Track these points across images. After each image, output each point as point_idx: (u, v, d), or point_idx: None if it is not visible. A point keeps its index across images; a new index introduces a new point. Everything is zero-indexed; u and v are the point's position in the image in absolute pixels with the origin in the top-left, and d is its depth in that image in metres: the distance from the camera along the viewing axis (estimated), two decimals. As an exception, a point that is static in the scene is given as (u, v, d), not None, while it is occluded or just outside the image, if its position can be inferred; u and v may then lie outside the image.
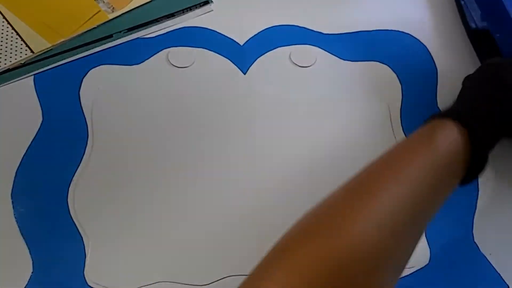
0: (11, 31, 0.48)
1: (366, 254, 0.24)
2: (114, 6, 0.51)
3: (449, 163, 0.32)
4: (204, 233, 0.39)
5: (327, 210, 0.28)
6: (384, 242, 0.25)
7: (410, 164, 0.30)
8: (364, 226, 0.25)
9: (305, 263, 0.24)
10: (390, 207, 0.27)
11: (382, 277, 0.25)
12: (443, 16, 0.56)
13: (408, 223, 0.28)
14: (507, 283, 0.39)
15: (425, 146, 0.31)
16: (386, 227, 0.26)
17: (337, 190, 0.29)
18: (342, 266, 0.24)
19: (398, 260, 0.27)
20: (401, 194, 0.28)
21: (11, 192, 0.39)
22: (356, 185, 0.30)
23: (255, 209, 0.40)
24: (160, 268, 0.37)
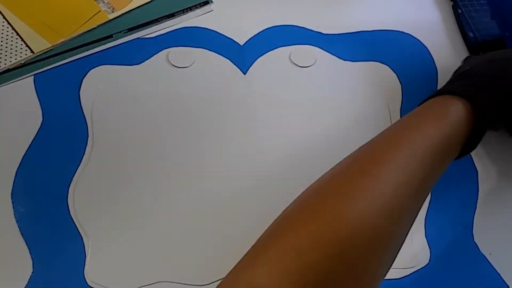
0: (11, 31, 0.48)
1: (366, 239, 0.24)
2: (114, 6, 0.51)
3: (453, 143, 0.32)
4: (204, 233, 0.39)
5: (329, 188, 0.28)
6: (383, 227, 0.25)
7: (414, 143, 0.30)
8: (364, 209, 0.25)
9: (306, 246, 0.24)
10: (391, 189, 0.26)
11: (381, 259, 0.25)
12: (443, 17, 0.56)
13: (408, 205, 0.27)
14: (507, 283, 0.39)
15: (432, 126, 0.31)
16: (387, 211, 0.26)
17: (341, 164, 0.29)
18: (342, 250, 0.24)
19: (397, 242, 0.27)
20: (404, 176, 0.27)
21: (11, 192, 0.39)
22: (359, 162, 0.29)
23: (255, 208, 0.40)
24: (160, 268, 0.37)
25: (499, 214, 0.43)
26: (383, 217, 0.25)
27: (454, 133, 0.32)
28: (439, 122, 0.32)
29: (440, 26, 0.55)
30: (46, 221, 0.38)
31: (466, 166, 0.45)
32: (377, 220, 0.25)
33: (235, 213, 0.40)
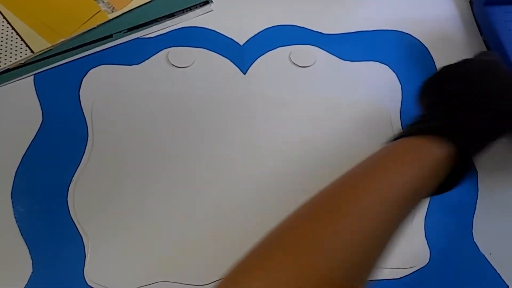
0: (11, 31, 0.48)
1: None
2: (114, 6, 0.51)
3: (428, 186, 0.29)
4: (204, 233, 0.39)
5: (290, 238, 0.26)
6: (334, 276, 0.24)
7: (382, 190, 0.27)
8: (316, 258, 0.24)
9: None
10: (349, 238, 0.25)
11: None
12: (443, 17, 0.56)
13: (370, 257, 0.26)
14: (507, 283, 0.39)
15: (407, 170, 0.28)
16: (339, 261, 0.24)
17: (304, 208, 0.28)
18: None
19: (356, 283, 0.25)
20: (366, 223, 0.25)
21: (11, 192, 0.39)
22: (321, 203, 0.28)
23: (255, 208, 0.40)
24: (160, 268, 0.37)
25: (499, 214, 0.43)
26: (334, 269, 0.24)
27: (431, 175, 0.29)
28: (412, 166, 0.29)
29: (440, 26, 0.55)
30: (46, 221, 0.38)
31: (466, 166, 0.45)
32: (328, 272, 0.24)
33: (235, 212, 0.40)
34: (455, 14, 0.57)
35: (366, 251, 0.25)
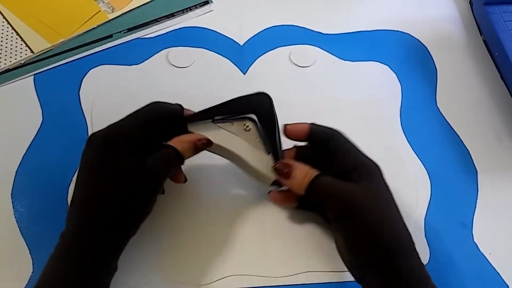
0: (11, 31, 0.48)
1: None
2: (114, 6, 0.51)
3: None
4: (205, 233, 0.39)
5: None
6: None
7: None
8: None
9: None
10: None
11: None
12: (443, 17, 0.56)
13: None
14: (507, 283, 0.39)
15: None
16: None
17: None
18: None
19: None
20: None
21: (11, 192, 0.39)
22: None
23: (255, 209, 0.40)
24: (160, 268, 0.37)
25: (499, 214, 0.43)
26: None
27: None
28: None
29: (440, 26, 0.55)
30: (46, 221, 0.38)
31: (466, 165, 0.45)
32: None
33: (235, 212, 0.40)
34: (455, 14, 0.57)
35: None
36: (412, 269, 0.31)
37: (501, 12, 0.52)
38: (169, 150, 0.34)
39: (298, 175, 0.34)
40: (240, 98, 0.37)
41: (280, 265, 0.38)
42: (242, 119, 0.37)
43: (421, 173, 0.44)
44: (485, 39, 0.54)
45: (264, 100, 0.37)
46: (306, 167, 0.35)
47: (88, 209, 0.31)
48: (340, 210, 0.33)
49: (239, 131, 0.37)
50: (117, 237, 0.31)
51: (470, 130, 0.47)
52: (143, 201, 0.33)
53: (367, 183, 0.34)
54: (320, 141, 0.37)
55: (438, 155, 0.45)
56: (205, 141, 0.35)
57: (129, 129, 0.33)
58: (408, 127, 0.47)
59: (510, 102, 0.50)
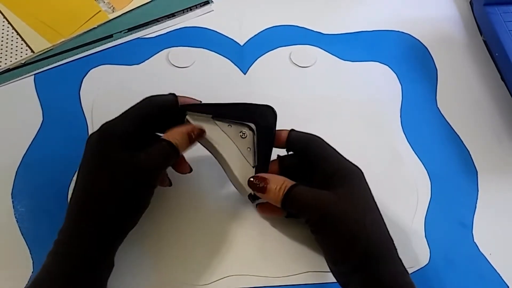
0: (11, 31, 0.48)
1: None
2: (115, 6, 0.51)
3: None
4: (204, 233, 0.39)
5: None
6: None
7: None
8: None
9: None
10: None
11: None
12: (443, 17, 0.56)
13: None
14: (507, 283, 0.39)
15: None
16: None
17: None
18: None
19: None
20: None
21: (11, 192, 0.39)
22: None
23: (255, 209, 0.40)
24: (160, 268, 0.37)
25: (499, 214, 0.43)
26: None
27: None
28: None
29: (440, 26, 0.55)
30: (46, 221, 0.38)
31: (467, 166, 0.45)
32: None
33: (235, 212, 0.40)
34: (455, 14, 0.57)
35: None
36: (393, 275, 0.31)
37: (501, 12, 0.52)
38: (163, 143, 0.34)
39: (273, 188, 0.34)
40: (245, 104, 0.37)
41: (280, 265, 0.38)
42: (241, 125, 0.37)
43: (421, 173, 0.44)
44: (485, 39, 0.54)
45: (269, 114, 0.37)
46: (280, 179, 0.34)
47: (84, 205, 0.31)
48: (316, 220, 0.33)
49: (234, 135, 0.37)
50: (113, 231, 0.32)
51: (470, 130, 0.47)
52: (138, 196, 0.33)
53: (345, 189, 0.33)
54: (299, 147, 0.37)
55: (438, 155, 0.45)
56: (199, 131, 0.35)
57: (122, 125, 0.34)
58: (408, 127, 0.47)
59: (510, 103, 0.50)
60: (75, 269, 0.30)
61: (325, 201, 0.32)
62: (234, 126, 0.37)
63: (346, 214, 0.32)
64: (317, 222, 0.33)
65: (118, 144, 0.32)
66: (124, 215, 0.32)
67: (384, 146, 0.45)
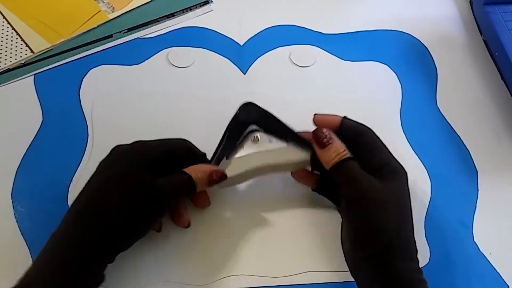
0: (11, 31, 0.48)
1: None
2: (114, 6, 0.51)
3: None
4: (205, 233, 0.39)
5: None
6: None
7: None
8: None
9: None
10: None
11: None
12: (443, 17, 0.56)
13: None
14: (507, 283, 0.39)
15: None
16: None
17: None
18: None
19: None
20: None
21: (11, 192, 0.39)
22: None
23: (255, 209, 0.40)
24: (160, 268, 0.37)
25: (499, 214, 0.43)
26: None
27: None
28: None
29: (440, 26, 0.55)
30: (46, 221, 0.38)
31: (467, 165, 0.45)
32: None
33: (235, 212, 0.40)
34: (455, 14, 0.57)
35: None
36: (407, 271, 0.32)
37: (501, 12, 0.52)
38: (183, 176, 0.34)
39: (333, 150, 0.34)
40: (231, 123, 0.37)
41: (280, 265, 0.38)
42: (247, 137, 0.37)
43: (421, 173, 0.44)
44: (485, 39, 0.54)
45: (248, 108, 0.38)
46: (342, 146, 0.35)
47: (84, 210, 0.31)
48: (356, 197, 0.33)
49: (253, 147, 0.37)
50: (106, 248, 0.31)
51: (470, 130, 0.47)
52: (142, 219, 0.32)
53: (391, 183, 0.34)
54: (351, 135, 0.37)
55: (438, 155, 0.45)
56: (221, 174, 0.35)
57: (152, 150, 0.34)
58: (408, 127, 0.47)
59: (510, 102, 0.50)
60: (61, 279, 0.29)
61: (372, 184, 0.33)
62: (245, 144, 0.37)
63: (385, 204, 0.33)
64: (356, 199, 0.33)
65: (144, 165, 0.32)
66: (121, 233, 0.31)
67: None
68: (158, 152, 0.34)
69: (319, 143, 0.35)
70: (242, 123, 0.37)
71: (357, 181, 0.33)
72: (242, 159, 0.36)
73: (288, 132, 0.37)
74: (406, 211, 0.34)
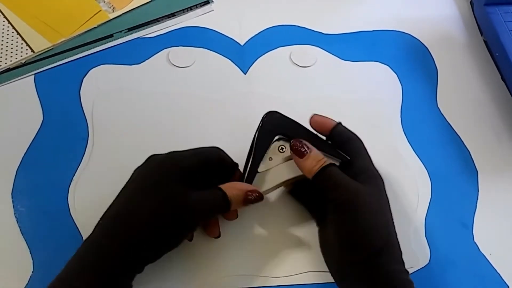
0: (11, 31, 0.48)
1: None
2: (115, 5, 0.51)
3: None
4: (205, 233, 0.39)
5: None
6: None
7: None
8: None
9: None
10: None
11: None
12: (443, 17, 0.56)
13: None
14: (507, 283, 0.39)
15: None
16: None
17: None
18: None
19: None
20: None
21: (11, 191, 0.39)
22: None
23: (255, 209, 0.40)
24: (160, 268, 0.37)
25: (499, 214, 0.43)
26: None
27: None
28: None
29: (440, 26, 0.55)
30: (46, 221, 0.38)
31: (467, 166, 0.45)
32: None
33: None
34: (456, 14, 0.57)
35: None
36: (398, 273, 0.32)
37: (501, 12, 0.52)
38: (218, 192, 0.34)
39: (312, 158, 0.35)
40: (258, 134, 0.37)
41: (280, 265, 0.38)
42: (273, 148, 0.37)
43: (421, 173, 0.44)
44: (485, 39, 0.54)
45: (272, 117, 0.37)
46: (320, 154, 0.35)
47: (116, 220, 0.31)
48: (345, 201, 0.33)
49: (280, 157, 0.37)
50: (135, 259, 0.31)
51: (470, 130, 0.47)
52: (173, 232, 0.32)
53: (373, 187, 0.34)
54: (340, 140, 0.37)
55: (439, 155, 0.45)
56: (257, 194, 0.35)
57: (190, 160, 0.34)
58: (408, 127, 0.47)
59: (511, 103, 0.50)
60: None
61: (359, 188, 0.33)
62: (273, 156, 0.37)
63: (375, 207, 0.33)
64: (344, 203, 0.33)
65: (179, 175, 0.32)
66: (151, 244, 0.31)
67: (384, 146, 0.45)
68: (192, 163, 0.34)
69: (298, 152, 0.35)
70: (269, 133, 0.37)
71: (344, 185, 0.33)
72: (274, 173, 0.36)
73: (315, 139, 0.37)
74: (389, 214, 0.34)
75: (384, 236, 0.32)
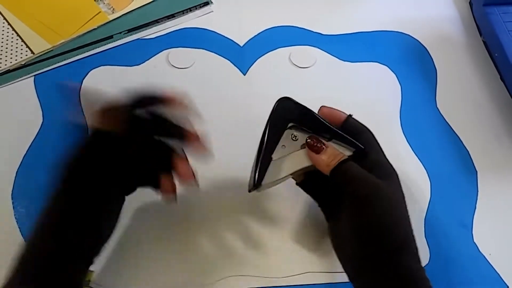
0: (11, 32, 0.48)
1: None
2: (115, 7, 0.51)
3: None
4: (204, 234, 0.39)
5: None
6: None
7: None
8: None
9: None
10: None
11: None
12: (443, 17, 0.56)
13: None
14: (507, 283, 0.39)
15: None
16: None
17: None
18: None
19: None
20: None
21: (11, 192, 0.39)
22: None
23: (255, 209, 0.40)
24: (161, 268, 0.37)
25: (499, 214, 0.43)
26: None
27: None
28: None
29: (440, 26, 0.55)
30: (46, 222, 0.38)
31: (466, 166, 0.45)
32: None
33: (235, 213, 0.40)
34: (455, 15, 0.57)
35: None
36: (416, 269, 0.32)
37: (500, 13, 0.52)
38: None
39: (329, 153, 0.34)
40: (271, 121, 0.36)
41: (280, 265, 0.38)
42: (286, 136, 0.36)
43: (421, 174, 0.44)
44: (484, 40, 0.54)
45: (285, 104, 0.36)
46: (337, 149, 0.35)
47: None
48: (364, 195, 0.32)
49: (293, 145, 0.36)
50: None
51: (470, 130, 0.47)
52: None
53: (390, 181, 0.34)
54: (353, 132, 0.37)
55: (438, 156, 0.45)
56: None
57: None
58: (408, 127, 0.47)
59: (510, 103, 0.50)
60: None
61: (378, 182, 0.33)
62: (286, 143, 0.36)
63: (394, 202, 0.33)
64: (364, 197, 0.32)
65: None
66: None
67: (383, 146, 0.45)
68: None
69: (313, 149, 0.35)
70: (282, 121, 0.36)
71: (363, 179, 0.33)
72: (290, 160, 0.35)
73: (329, 129, 0.36)
74: (407, 210, 0.34)
75: (404, 232, 0.32)
